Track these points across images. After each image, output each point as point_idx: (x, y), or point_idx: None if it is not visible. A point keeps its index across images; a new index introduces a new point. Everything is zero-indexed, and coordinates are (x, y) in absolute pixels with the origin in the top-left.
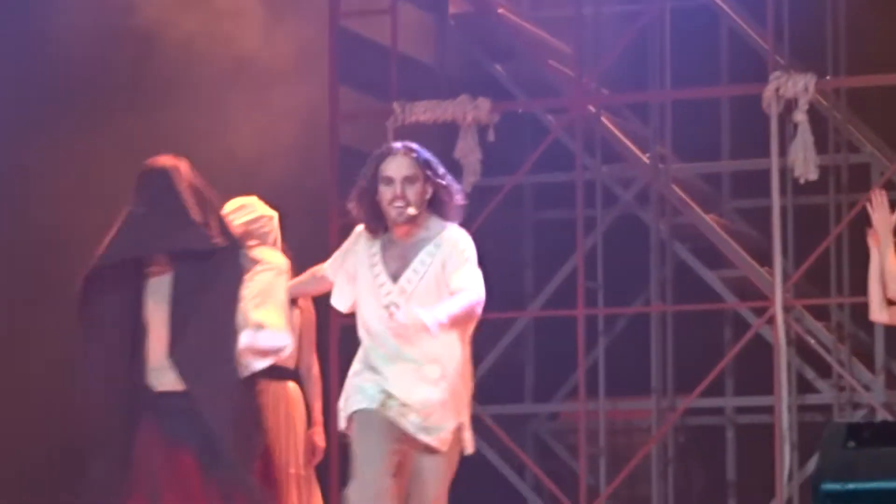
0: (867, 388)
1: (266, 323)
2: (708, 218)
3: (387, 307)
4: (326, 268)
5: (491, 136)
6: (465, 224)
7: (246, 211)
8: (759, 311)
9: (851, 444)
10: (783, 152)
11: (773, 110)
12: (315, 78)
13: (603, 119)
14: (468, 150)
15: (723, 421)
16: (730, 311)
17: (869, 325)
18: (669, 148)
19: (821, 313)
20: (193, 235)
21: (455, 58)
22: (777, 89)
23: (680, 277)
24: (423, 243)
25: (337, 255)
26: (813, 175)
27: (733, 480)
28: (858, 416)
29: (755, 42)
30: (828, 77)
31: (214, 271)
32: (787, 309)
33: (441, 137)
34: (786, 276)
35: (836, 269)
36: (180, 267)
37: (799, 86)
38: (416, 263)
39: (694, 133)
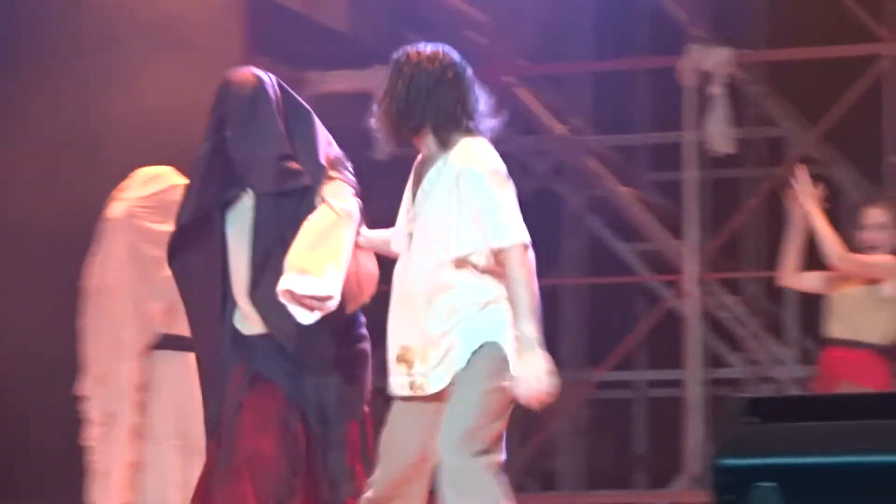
0: (779, 362)
1: (310, 269)
2: (623, 191)
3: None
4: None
5: None
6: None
7: (159, 182)
8: (673, 285)
9: (751, 419)
10: (700, 126)
11: (689, 83)
12: (232, 45)
13: (516, 90)
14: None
15: (633, 395)
16: (643, 284)
17: (781, 300)
18: (586, 121)
19: (734, 287)
20: (281, 172)
21: (370, 27)
22: (694, 62)
23: (594, 251)
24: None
25: None
26: (729, 149)
27: (643, 454)
28: (769, 391)
29: (675, 15)
30: (746, 51)
31: (295, 207)
32: (699, 283)
33: (359, 106)
34: (701, 250)
35: (750, 243)
36: (263, 202)
37: (715, 59)
38: (426, 181)
39: (612, 106)
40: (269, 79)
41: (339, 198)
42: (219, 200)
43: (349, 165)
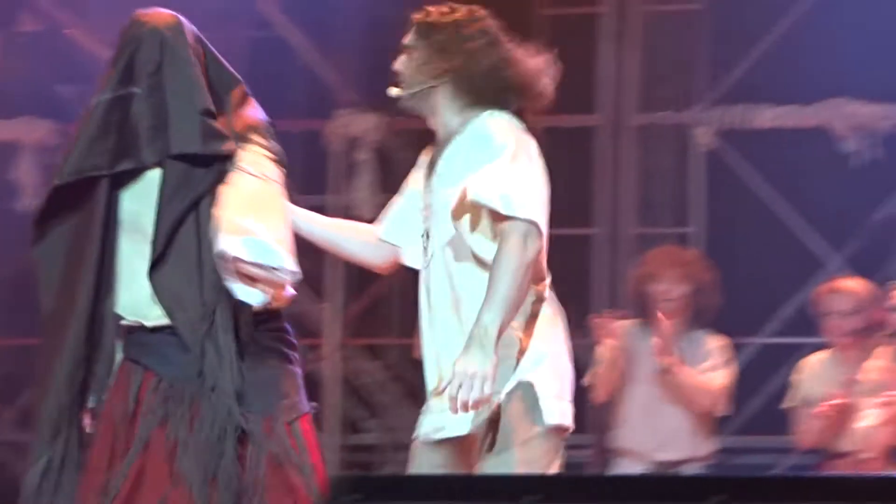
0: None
1: (254, 231)
2: None
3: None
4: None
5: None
6: None
7: None
8: (314, 349)
9: (356, 497)
10: (346, 190)
11: (336, 147)
12: None
13: None
14: (27, 172)
15: None
16: None
17: (420, 367)
18: None
19: (375, 353)
20: (206, 130)
21: (22, 77)
22: (342, 127)
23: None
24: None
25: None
26: (373, 214)
27: None
28: (403, 457)
29: (327, 78)
30: (396, 117)
31: (212, 178)
32: (340, 347)
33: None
34: (343, 314)
35: (393, 308)
36: (173, 168)
37: (364, 124)
38: (441, 163)
39: None
40: (187, 22)
41: (260, 165)
42: (110, 166)
43: (273, 133)
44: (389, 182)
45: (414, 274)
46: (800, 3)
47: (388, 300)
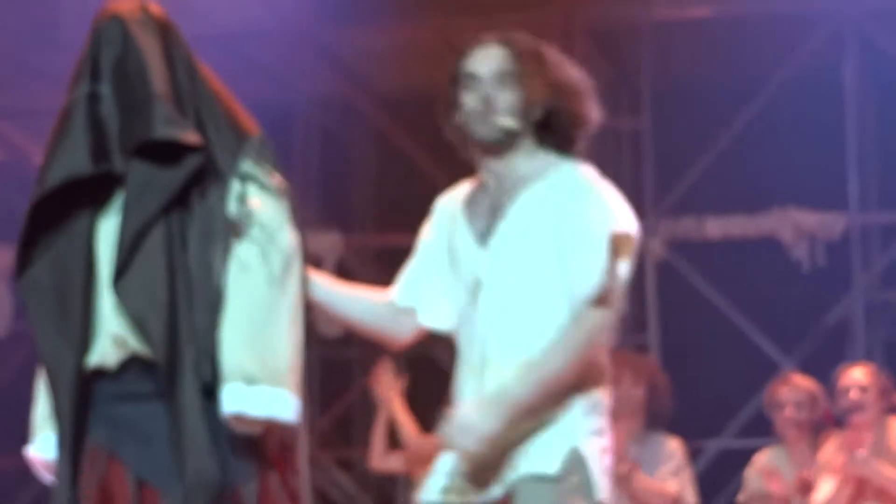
0: None
1: (261, 375)
2: None
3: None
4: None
5: None
6: None
7: None
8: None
9: None
10: None
11: None
12: None
13: None
14: (0, 298)
15: None
16: None
17: (394, 477)
18: None
19: (346, 465)
20: (169, 116)
21: None
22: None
23: None
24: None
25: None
26: (336, 332)
27: None
28: None
29: None
30: (356, 234)
31: (197, 198)
32: (311, 460)
33: None
34: (312, 428)
35: (363, 421)
36: (137, 169)
37: (326, 242)
38: (513, 211)
39: None
40: (163, 16)
41: (277, 227)
42: (95, 166)
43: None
44: None
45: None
46: (742, 113)
47: (357, 412)
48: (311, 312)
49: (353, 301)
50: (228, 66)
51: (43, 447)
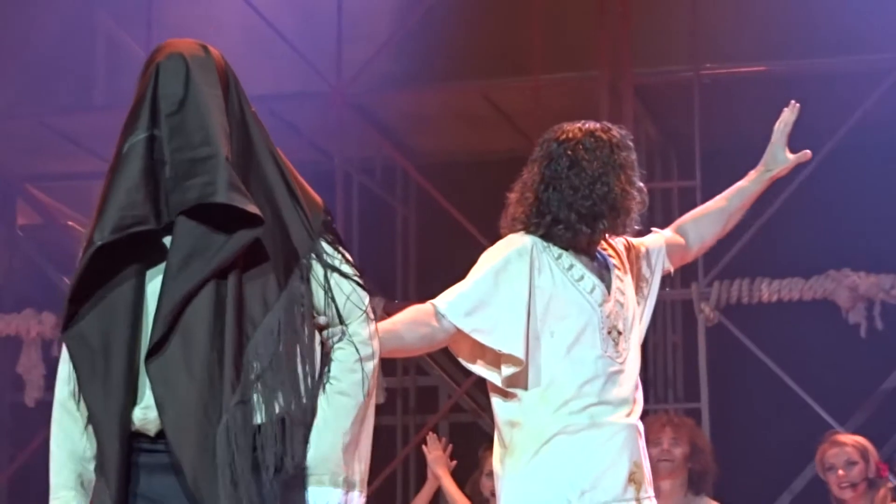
0: None
1: (358, 483)
2: None
3: (610, 333)
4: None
5: (56, 351)
6: None
7: None
8: None
9: None
10: None
11: None
12: None
13: None
14: (31, 366)
15: None
16: None
17: None
18: None
19: None
20: (233, 183)
21: (22, 270)
22: None
23: None
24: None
25: (488, 273)
26: (380, 398)
27: None
28: None
29: None
30: (396, 301)
31: (257, 278)
32: None
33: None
34: None
35: (402, 489)
36: (185, 228)
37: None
38: (613, 277)
39: None
40: (223, 59)
41: (362, 331)
42: (158, 219)
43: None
44: (389, 365)
45: (420, 457)
46: (797, 173)
47: (397, 481)
48: None
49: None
50: (268, 128)
51: None
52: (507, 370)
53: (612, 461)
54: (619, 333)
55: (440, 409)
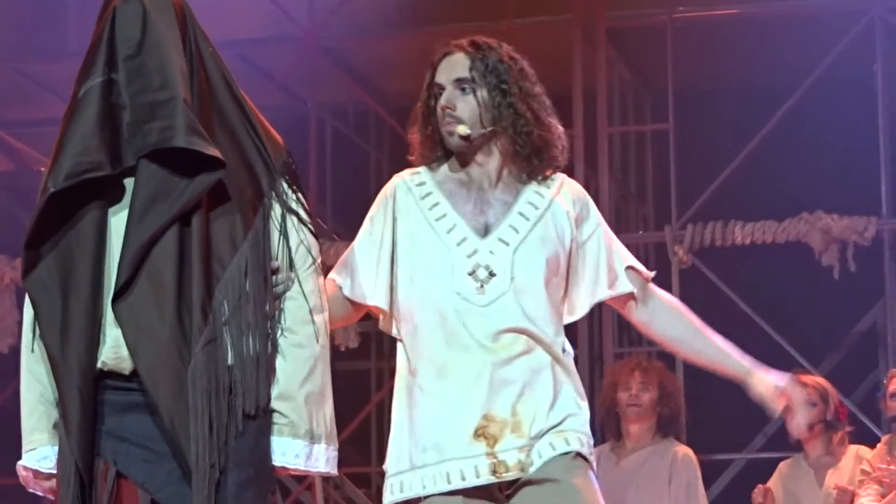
0: None
1: (325, 435)
2: None
3: (473, 273)
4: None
5: None
6: None
7: None
8: (301, 479)
9: None
10: None
11: None
12: None
13: None
14: (5, 312)
15: None
16: None
17: None
18: None
19: (362, 480)
20: (193, 126)
21: None
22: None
23: None
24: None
25: (363, 232)
26: (353, 343)
27: None
28: None
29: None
30: None
31: (224, 215)
32: (326, 477)
33: None
34: None
35: (376, 433)
36: (147, 171)
37: (341, 252)
38: (517, 209)
39: None
40: (182, 1)
41: (310, 281)
42: (112, 164)
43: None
44: None
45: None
46: (769, 116)
47: (372, 428)
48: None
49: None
50: (239, 74)
51: (37, 459)
52: (382, 322)
53: (454, 414)
54: (492, 275)
55: None
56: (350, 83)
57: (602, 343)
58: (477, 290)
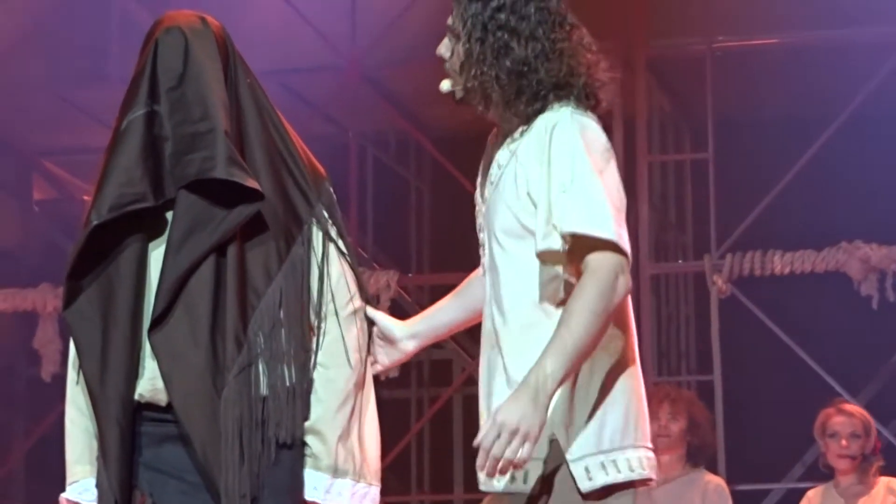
0: None
1: (347, 467)
2: None
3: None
4: None
5: None
6: None
7: None
8: None
9: None
10: None
11: None
12: None
13: None
14: (47, 340)
15: None
16: None
17: None
18: None
19: None
20: (233, 158)
21: (38, 244)
22: None
23: None
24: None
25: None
26: (393, 372)
27: None
28: None
29: None
30: (410, 274)
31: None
32: None
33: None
34: None
35: (416, 463)
36: (186, 202)
37: (381, 282)
38: (493, 167)
39: None
40: (223, 31)
41: (345, 312)
42: (156, 196)
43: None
44: None
45: (437, 431)
46: (809, 145)
47: (412, 457)
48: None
49: (456, 308)
50: (282, 104)
51: (79, 492)
52: None
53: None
54: (482, 246)
55: (454, 382)
56: (391, 112)
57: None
58: None
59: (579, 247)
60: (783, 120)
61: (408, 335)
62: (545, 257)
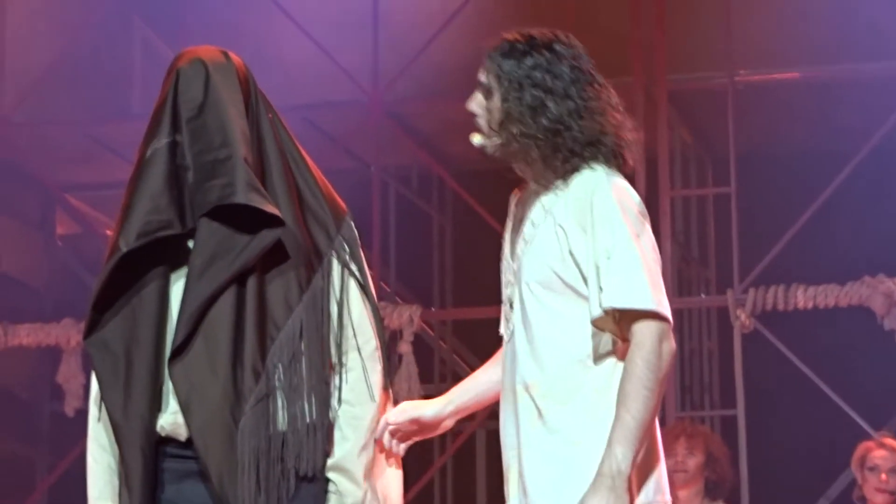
0: None
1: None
2: None
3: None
4: None
5: None
6: None
7: None
8: None
9: None
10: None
11: None
12: None
13: None
14: (71, 375)
15: None
16: None
17: None
18: None
19: None
20: (252, 184)
21: (61, 279)
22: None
23: None
24: (539, 194)
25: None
26: None
27: None
28: None
29: None
30: (433, 308)
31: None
32: None
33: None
34: None
35: (439, 499)
36: (207, 230)
37: (404, 316)
38: (526, 225)
39: None
40: (245, 67)
41: (375, 357)
42: (183, 223)
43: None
44: (427, 372)
45: (461, 462)
46: (831, 179)
47: (435, 492)
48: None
49: (475, 389)
50: (304, 138)
51: None
52: None
53: (505, 463)
54: (511, 307)
55: (477, 417)
56: (413, 146)
57: (665, 406)
58: None
59: (623, 313)
60: (805, 154)
61: (445, 414)
62: (597, 321)
